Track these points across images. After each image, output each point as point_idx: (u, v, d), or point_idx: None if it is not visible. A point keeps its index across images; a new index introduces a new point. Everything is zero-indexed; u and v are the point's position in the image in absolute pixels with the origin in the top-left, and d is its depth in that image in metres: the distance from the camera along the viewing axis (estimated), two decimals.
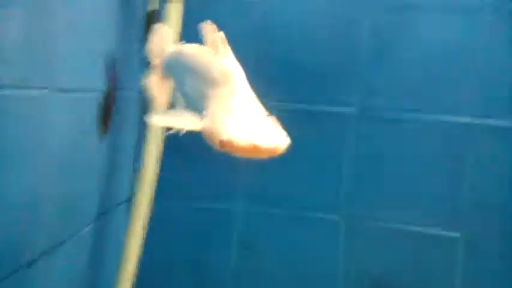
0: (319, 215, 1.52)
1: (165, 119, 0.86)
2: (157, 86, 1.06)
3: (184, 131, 0.92)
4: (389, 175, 1.48)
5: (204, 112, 0.78)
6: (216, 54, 0.82)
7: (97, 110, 1.19)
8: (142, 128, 1.50)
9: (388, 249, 1.49)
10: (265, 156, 0.71)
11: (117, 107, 1.29)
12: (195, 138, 0.96)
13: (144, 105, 1.52)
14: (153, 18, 1.45)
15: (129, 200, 1.52)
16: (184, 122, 0.82)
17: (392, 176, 1.47)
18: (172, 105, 1.00)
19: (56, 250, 1.03)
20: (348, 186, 1.50)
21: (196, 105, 0.83)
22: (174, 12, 1.32)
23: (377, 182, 1.48)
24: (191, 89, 0.87)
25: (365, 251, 1.50)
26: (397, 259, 1.48)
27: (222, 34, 0.82)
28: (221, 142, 0.71)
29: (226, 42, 0.82)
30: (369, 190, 1.49)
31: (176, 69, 0.97)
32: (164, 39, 1.07)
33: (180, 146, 1.48)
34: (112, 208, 1.39)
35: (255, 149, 0.69)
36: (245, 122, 0.72)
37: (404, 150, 1.47)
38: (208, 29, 0.83)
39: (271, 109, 0.78)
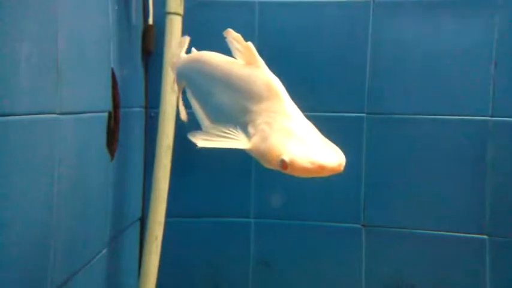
0: (339, 224, 1.47)
1: (210, 141, 0.76)
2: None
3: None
4: (408, 179, 1.42)
5: (251, 129, 0.73)
6: (252, 65, 0.76)
7: (103, 131, 1.15)
8: (149, 143, 1.46)
9: (414, 255, 1.43)
10: (326, 174, 0.68)
11: (122, 126, 1.26)
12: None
13: (148, 121, 1.49)
14: (149, 32, 1.43)
15: (141, 219, 1.48)
16: (232, 142, 0.75)
17: (412, 179, 1.42)
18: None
19: (71, 282, 0.99)
20: (367, 192, 1.44)
21: (234, 119, 0.76)
22: (175, 24, 1.30)
23: (397, 187, 1.43)
24: (226, 102, 0.80)
25: (388, 258, 1.45)
26: (423, 265, 1.43)
27: (250, 44, 0.75)
28: (283, 163, 0.66)
29: (256, 52, 0.76)
30: (389, 196, 1.44)
31: (197, 79, 0.88)
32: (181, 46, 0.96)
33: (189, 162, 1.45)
34: (124, 229, 1.35)
35: (320, 168, 0.66)
36: (303, 141, 0.68)
37: (422, 153, 1.41)
38: (236, 37, 0.75)
39: None
